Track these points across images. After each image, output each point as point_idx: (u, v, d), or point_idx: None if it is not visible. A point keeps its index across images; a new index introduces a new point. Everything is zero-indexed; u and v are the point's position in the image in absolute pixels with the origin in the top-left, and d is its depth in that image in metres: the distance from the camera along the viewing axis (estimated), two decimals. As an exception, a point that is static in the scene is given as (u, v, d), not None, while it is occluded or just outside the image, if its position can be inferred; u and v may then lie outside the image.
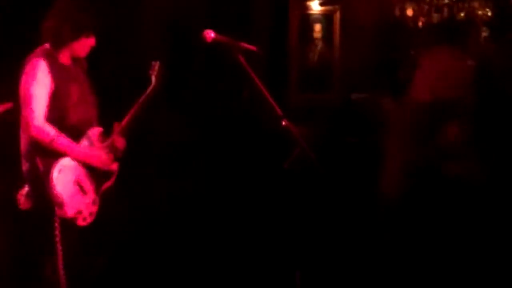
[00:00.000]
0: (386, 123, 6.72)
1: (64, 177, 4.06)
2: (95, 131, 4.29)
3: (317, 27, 7.45)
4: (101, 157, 4.23)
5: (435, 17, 7.71)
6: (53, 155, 4.05)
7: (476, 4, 7.56)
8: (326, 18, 7.48)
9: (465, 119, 5.43)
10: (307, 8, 7.42)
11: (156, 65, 4.49)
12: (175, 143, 5.79)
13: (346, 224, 5.89)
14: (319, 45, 7.47)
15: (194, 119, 4.12)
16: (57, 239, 4.07)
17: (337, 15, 7.47)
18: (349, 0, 7.61)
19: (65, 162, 4.09)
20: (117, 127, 4.36)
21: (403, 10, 7.77)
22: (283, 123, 3.83)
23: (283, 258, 5.58)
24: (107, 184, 4.38)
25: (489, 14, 7.52)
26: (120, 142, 4.36)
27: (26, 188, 4.17)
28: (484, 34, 7.57)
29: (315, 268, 5.44)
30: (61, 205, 4.02)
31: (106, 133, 4.36)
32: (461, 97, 5.47)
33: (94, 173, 4.25)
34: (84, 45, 4.21)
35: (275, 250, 5.71)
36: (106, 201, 4.33)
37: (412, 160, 5.31)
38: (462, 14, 7.62)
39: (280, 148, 4.63)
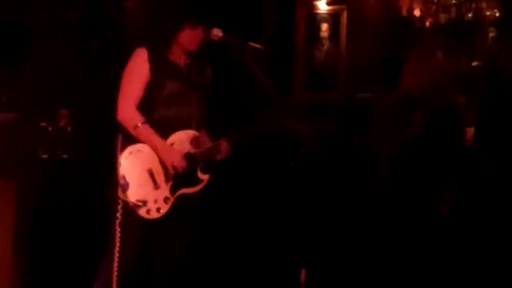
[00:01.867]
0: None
1: (133, 160, 3.90)
2: (189, 132, 4.05)
3: (324, 26, 7.45)
4: (172, 157, 3.96)
5: (443, 17, 7.72)
6: (134, 139, 3.93)
7: (483, 5, 7.57)
8: (333, 18, 7.49)
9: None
10: (314, 7, 7.43)
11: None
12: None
13: (351, 223, 5.90)
14: (326, 44, 7.47)
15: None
16: (118, 222, 3.89)
17: (344, 14, 7.48)
18: (356, 0, 7.61)
19: (140, 147, 3.93)
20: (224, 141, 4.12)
21: (411, 10, 7.78)
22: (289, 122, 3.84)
23: (288, 256, 5.60)
24: (188, 190, 4.07)
25: (497, 14, 7.53)
26: (224, 147, 4.09)
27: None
28: (491, 34, 7.58)
29: (320, 266, 5.46)
30: (123, 187, 3.85)
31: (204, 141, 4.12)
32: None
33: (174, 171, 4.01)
34: (191, 36, 3.95)
35: (280, 248, 5.72)
36: (181, 209, 4.03)
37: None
38: (469, 15, 7.63)
39: (286, 146, 4.66)
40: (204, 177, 4.11)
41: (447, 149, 5.44)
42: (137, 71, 3.94)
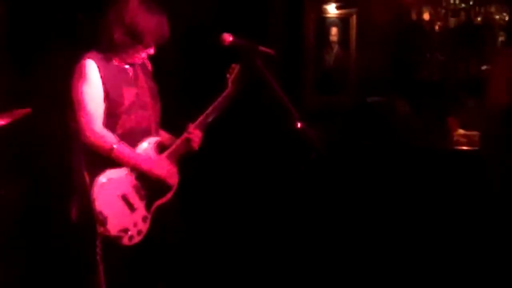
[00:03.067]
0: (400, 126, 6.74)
1: (107, 191, 3.65)
2: (151, 141, 3.87)
3: (334, 30, 7.45)
4: (166, 167, 3.83)
5: (452, 21, 7.71)
6: (101, 166, 3.67)
7: (493, 9, 7.56)
8: (343, 22, 7.48)
9: None
10: (323, 11, 7.42)
11: (236, 68, 3.99)
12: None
13: (360, 226, 5.90)
14: (335, 48, 7.47)
15: (212, 121, 4.00)
16: (99, 258, 3.66)
17: (354, 18, 7.47)
18: (365, 3, 7.59)
19: (111, 175, 3.69)
20: (190, 127, 3.91)
21: (420, 14, 7.78)
22: (299, 125, 3.82)
23: (297, 260, 5.60)
24: (162, 200, 3.90)
25: (506, 18, 7.52)
26: (196, 134, 3.88)
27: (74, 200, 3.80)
28: (501, 38, 7.57)
29: (327, 271, 5.46)
30: (102, 222, 3.63)
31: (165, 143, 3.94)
32: None
33: (147, 187, 3.81)
34: (142, 54, 3.83)
35: (289, 252, 5.72)
36: (159, 219, 3.86)
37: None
38: (479, 19, 7.62)
39: (296, 150, 4.65)
40: (174, 180, 3.95)
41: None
42: (94, 86, 3.68)
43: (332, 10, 7.42)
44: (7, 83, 5.67)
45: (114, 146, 3.66)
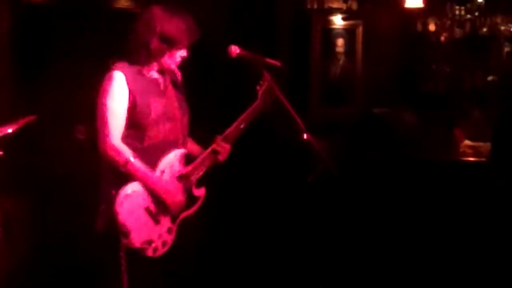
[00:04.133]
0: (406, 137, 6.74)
1: (131, 203, 3.61)
2: (177, 153, 3.82)
3: (340, 41, 7.45)
4: (171, 193, 3.75)
5: (458, 32, 7.72)
6: (126, 178, 3.62)
7: (498, 20, 7.57)
8: (349, 33, 7.49)
9: None
10: (329, 22, 7.42)
11: (267, 80, 3.89)
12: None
13: (368, 238, 5.90)
14: (341, 59, 7.47)
15: (217, 132, 3.99)
16: (123, 269, 3.61)
17: (360, 30, 7.48)
18: (371, 15, 7.61)
19: (135, 187, 3.64)
20: (218, 139, 3.89)
21: (426, 25, 7.79)
22: (305, 137, 3.82)
23: (305, 272, 5.60)
24: (188, 212, 3.88)
25: (512, 29, 7.54)
26: (224, 147, 3.87)
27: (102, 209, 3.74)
28: (506, 49, 7.58)
29: (337, 282, 5.46)
30: (126, 234, 3.59)
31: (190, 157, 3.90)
32: None
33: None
34: (174, 57, 3.79)
35: (297, 263, 5.72)
36: (185, 230, 3.84)
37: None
38: (484, 29, 7.63)
39: (303, 162, 4.66)
40: (200, 192, 3.94)
41: None
42: (118, 98, 3.64)
43: (338, 21, 7.42)
44: (13, 94, 5.70)
45: (129, 161, 3.61)
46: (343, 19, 7.42)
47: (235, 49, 3.86)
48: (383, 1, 7.67)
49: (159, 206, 3.73)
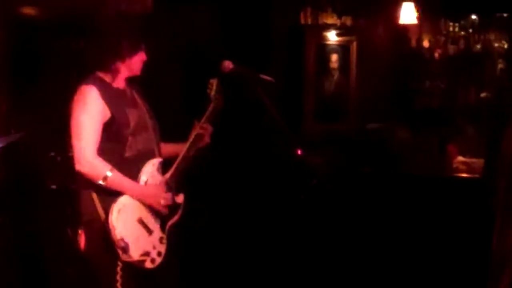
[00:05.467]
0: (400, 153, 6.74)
1: (125, 217, 3.56)
2: (155, 162, 3.80)
3: (334, 57, 7.44)
4: (158, 196, 3.72)
5: (451, 48, 7.75)
6: (111, 192, 3.57)
7: (492, 36, 7.60)
8: (343, 49, 7.49)
9: None
10: (323, 38, 7.42)
11: (214, 82, 3.97)
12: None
13: (361, 254, 5.89)
14: (336, 75, 7.47)
15: (212, 148, 3.99)
16: (119, 285, 3.57)
17: (354, 45, 7.48)
18: (366, 31, 7.63)
19: (125, 200, 3.60)
20: (197, 125, 3.93)
21: (420, 42, 7.82)
22: (299, 152, 3.82)
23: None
24: (174, 219, 3.87)
25: (505, 46, 7.55)
26: (206, 128, 3.91)
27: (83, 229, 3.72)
28: (500, 66, 7.60)
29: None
30: (125, 248, 3.52)
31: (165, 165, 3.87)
32: None
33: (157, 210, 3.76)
34: (140, 61, 3.75)
35: (290, 277, 5.71)
36: (172, 238, 3.83)
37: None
38: (478, 46, 7.66)
39: (296, 177, 4.65)
40: (180, 199, 3.91)
41: None
42: (93, 113, 3.59)
43: (332, 37, 7.43)
44: (6, 108, 5.69)
45: (107, 175, 3.55)
46: (337, 35, 7.43)
47: (228, 64, 3.87)
48: (377, 17, 7.70)
49: (149, 215, 3.72)
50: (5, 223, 5.17)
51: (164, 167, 3.89)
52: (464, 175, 6.39)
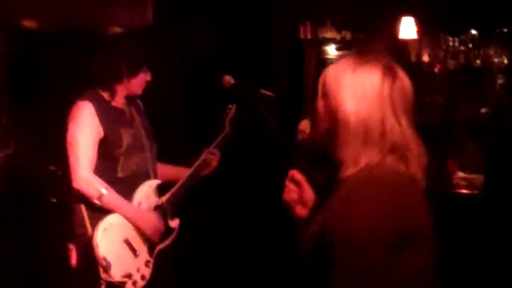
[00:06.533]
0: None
1: (110, 236, 3.53)
2: (152, 184, 3.79)
3: (333, 71, 7.44)
4: (151, 222, 3.69)
5: (451, 63, 7.74)
6: (102, 210, 3.56)
7: (492, 52, 7.59)
8: (342, 63, 7.48)
9: None
10: (323, 52, 7.43)
11: (232, 108, 4.02)
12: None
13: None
14: (335, 89, 7.46)
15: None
16: None
17: (353, 60, 7.48)
18: (365, 44, 7.62)
19: (113, 219, 3.58)
20: (205, 150, 3.96)
21: (419, 56, 7.80)
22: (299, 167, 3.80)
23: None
24: (164, 244, 3.83)
25: (505, 61, 7.54)
26: (214, 153, 3.94)
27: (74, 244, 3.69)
28: (500, 81, 7.59)
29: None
30: (106, 268, 3.49)
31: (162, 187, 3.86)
32: None
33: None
34: (141, 81, 3.73)
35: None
36: (161, 262, 3.78)
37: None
38: (478, 61, 7.65)
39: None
40: (175, 223, 3.88)
41: None
42: (88, 129, 3.57)
43: (332, 51, 7.43)
44: (6, 120, 5.68)
45: (103, 193, 3.53)
46: (337, 49, 7.43)
47: (229, 79, 3.85)
48: (377, 32, 7.69)
49: (137, 237, 3.67)
50: (3, 236, 5.15)
51: (161, 189, 3.86)
52: (464, 191, 6.36)
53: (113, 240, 3.58)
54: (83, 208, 3.61)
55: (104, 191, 3.53)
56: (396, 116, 2.17)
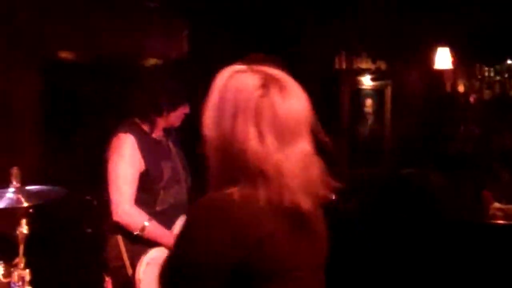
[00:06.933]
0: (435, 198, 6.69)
1: (153, 270, 3.39)
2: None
3: (368, 102, 7.45)
4: None
5: (487, 93, 7.72)
6: (140, 242, 3.52)
7: (527, 81, 7.58)
8: (378, 93, 7.49)
9: None
10: (358, 83, 7.44)
11: None
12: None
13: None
14: (370, 119, 7.47)
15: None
16: None
17: (389, 90, 7.49)
18: (400, 75, 7.63)
19: (156, 253, 3.52)
20: None
21: (455, 86, 7.80)
22: (333, 197, 3.80)
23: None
24: None
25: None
26: None
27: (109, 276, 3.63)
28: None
29: None
30: None
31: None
32: None
33: None
34: (180, 113, 3.69)
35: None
36: None
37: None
38: (513, 91, 7.63)
39: (331, 223, 4.61)
40: None
41: None
42: (130, 162, 3.52)
43: (367, 81, 7.44)
44: (43, 154, 5.74)
45: (145, 226, 3.49)
46: (372, 79, 7.44)
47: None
48: (412, 62, 7.69)
49: None
50: (41, 267, 5.19)
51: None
52: (501, 222, 6.31)
53: (155, 274, 3.52)
54: (120, 239, 3.58)
55: (146, 223, 3.50)
56: (261, 134, 1.89)
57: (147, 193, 3.58)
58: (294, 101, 2.00)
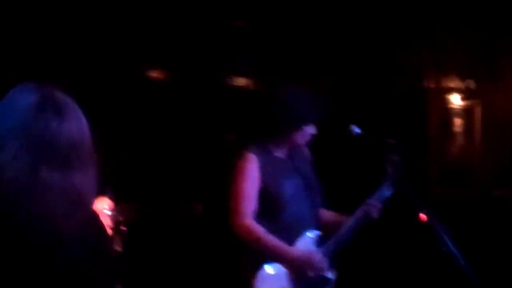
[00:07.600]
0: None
1: (270, 284, 3.66)
2: (313, 235, 3.84)
3: (458, 121, 7.37)
4: (314, 263, 3.72)
5: None
6: (258, 258, 3.71)
7: None
8: (467, 112, 7.40)
9: None
10: (447, 101, 7.37)
11: (395, 157, 3.87)
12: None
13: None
14: (460, 139, 7.37)
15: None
16: None
17: (479, 109, 7.38)
18: (490, 94, 7.50)
19: (270, 270, 3.71)
20: (366, 201, 3.94)
21: (548, 105, 7.63)
22: (423, 218, 3.77)
23: None
24: None
25: None
26: (375, 205, 3.92)
27: None
28: None
29: None
30: None
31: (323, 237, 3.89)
32: None
33: (305, 282, 3.75)
34: (305, 133, 3.87)
35: None
36: None
37: None
38: None
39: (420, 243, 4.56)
40: (332, 275, 3.86)
41: None
42: (251, 180, 3.76)
43: (456, 101, 7.36)
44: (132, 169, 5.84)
45: (261, 237, 3.65)
46: (462, 98, 7.35)
47: (355, 129, 3.87)
48: (502, 81, 7.56)
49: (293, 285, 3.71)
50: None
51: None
52: None
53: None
54: (243, 256, 3.78)
55: (261, 236, 3.66)
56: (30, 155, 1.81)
57: (267, 210, 3.73)
58: (74, 126, 1.90)
